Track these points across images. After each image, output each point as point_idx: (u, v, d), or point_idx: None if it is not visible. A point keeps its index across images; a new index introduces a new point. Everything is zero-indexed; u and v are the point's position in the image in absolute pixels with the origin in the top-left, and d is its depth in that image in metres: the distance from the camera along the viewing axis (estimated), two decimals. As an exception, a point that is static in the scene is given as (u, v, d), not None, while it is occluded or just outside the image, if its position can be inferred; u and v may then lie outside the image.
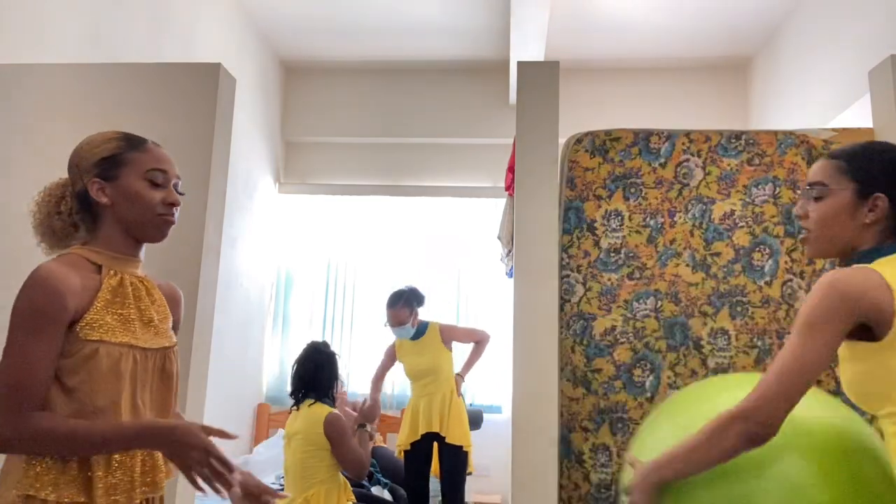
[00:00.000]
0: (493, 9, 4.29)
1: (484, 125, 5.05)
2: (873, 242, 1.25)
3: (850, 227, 1.27)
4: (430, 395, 3.62)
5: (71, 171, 1.38)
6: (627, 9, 4.21)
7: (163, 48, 3.51)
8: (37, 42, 2.66)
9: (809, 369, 1.14)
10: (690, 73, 4.86)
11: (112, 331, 1.24)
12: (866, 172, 1.27)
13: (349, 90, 5.19)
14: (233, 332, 4.37)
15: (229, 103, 2.38)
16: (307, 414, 2.64)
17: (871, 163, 1.28)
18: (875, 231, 1.26)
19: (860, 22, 3.30)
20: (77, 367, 1.21)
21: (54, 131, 2.34)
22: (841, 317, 1.14)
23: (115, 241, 1.34)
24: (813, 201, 1.31)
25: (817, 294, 1.16)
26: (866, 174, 1.27)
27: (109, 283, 1.29)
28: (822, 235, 1.30)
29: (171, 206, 1.35)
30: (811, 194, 1.32)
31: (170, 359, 1.36)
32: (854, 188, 1.27)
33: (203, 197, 2.22)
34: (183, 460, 1.20)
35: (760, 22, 4.29)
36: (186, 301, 2.18)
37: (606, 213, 2.29)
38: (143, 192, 1.33)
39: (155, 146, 1.39)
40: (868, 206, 1.25)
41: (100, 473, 1.20)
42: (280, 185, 5.21)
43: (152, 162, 1.35)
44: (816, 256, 1.35)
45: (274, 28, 4.68)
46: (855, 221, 1.26)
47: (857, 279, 1.15)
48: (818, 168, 1.33)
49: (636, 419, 2.14)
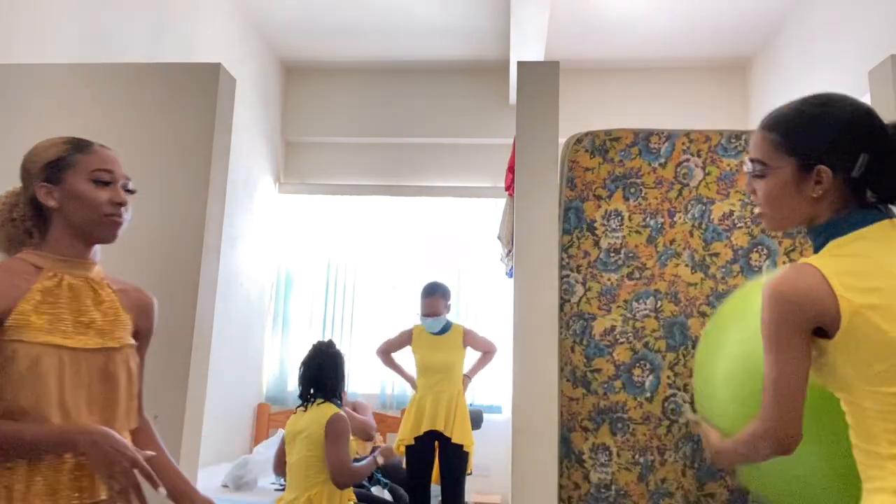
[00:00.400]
0: (493, 9, 4.29)
1: (484, 125, 5.05)
2: (829, 213, 1.18)
3: (800, 202, 1.20)
4: (437, 393, 3.64)
5: (22, 177, 1.40)
6: (627, 9, 4.21)
7: (163, 48, 3.51)
8: (37, 42, 2.66)
9: (795, 380, 1.12)
10: (690, 73, 4.86)
11: (34, 331, 1.25)
12: (804, 145, 1.19)
13: (349, 90, 5.19)
14: (233, 332, 4.37)
15: (229, 103, 2.39)
16: (314, 413, 2.64)
17: (808, 133, 1.19)
18: (828, 202, 1.18)
19: (860, 22, 3.30)
20: (1, 367, 1.22)
21: (54, 131, 2.34)
22: (797, 324, 1.11)
23: (63, 243, 1.35)
24: (756, 179, 1.25)
25: (766, 308, 1.14)
26: (805, 146, 1.19)
27: (43, 285, 1.30)
28: (774, 213, 1.24)
29: (118, 205, 1.36)
30: (752, 172, 1.25)
31: (114, 360, 1.34)
32: (794, 163, 1.19)
33: (203, 197, 2.23)
34: (106, 467, 1.19)
35: (760, 22, 4.29)
36: (186, 301, 2.19)
37: (606, 213, 2.29)
38: (89, 193, 1.34)
39: (101, 148, 1.41)
40: (812, 179, 1.17)
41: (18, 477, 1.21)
42: (280, 185, 5.21)
43: (97, 163, 1.37)
44: (776, 230, 1.30)
45: (274, 28, 4.68)
46: (803, 196, 1.19)
47: (799, 286, 1.10)
48: (755, 143, 1.26)
49: (636, 419, 2.14)
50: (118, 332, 1.38)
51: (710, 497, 2.08)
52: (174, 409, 2.11)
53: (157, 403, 2.13)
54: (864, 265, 1.11)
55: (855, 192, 1.18)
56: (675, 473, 2.10)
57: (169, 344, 2.16)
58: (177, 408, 2.11)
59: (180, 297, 2.18)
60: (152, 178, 2.28)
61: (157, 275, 2.21)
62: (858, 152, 1.15)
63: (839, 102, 1.20)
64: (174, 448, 2.08)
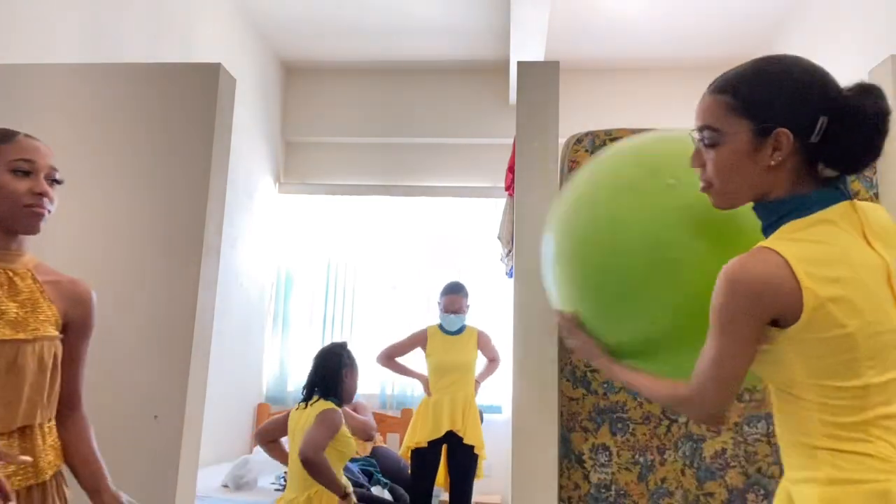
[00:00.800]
0: (493, 9, 4.29)
1: (484, 125, 5.05)
2: (786, 187, 1.07)
3: (754, 173, 1.07)
4: (453, 394, 3.63)
5: None
6: (627, 9, 4.20)
7: (163, 48, 3.51)
8: (37, 42, 2.66)
9: (736, 366, 1.06)
10: (690, 73, 4.86)
11: None
12: (761, 105, 1.06)
13: (349, 90, 5.19)
14: (233, 332, 4.37)
15: (229, 103, 2.38)
16: (312, 409, 2.65)
17: (766, 92, 1.07)
18: (785, 171, 1.07)
19: (860, 22, 3.30)
20: None
21: (54, 131, 2.34)
22: (753, 315, 1.02)
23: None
24: (706, 149, 1.12)
25: (722, 294, 1.04)
26: (761, 107, 1.06)
27: None
28: (724, 188, 1.11)
29: (38, 196, 1.36)
30: (703, 141, 1.12)
31: (24, 352, 1.33)
32: (750, 127, 1.06)
33: (203, 197, 2.23)
34: None
35: (760, 22, 4.29)
36: (186, 301, 2.19)
37: (606, 213, 2.28)
38: (8, 184, 1.34)
39: (26, 138, 1.40)
40: (770, 144, 1.05)
41: None
42: (280, 185, 5.21)
43: (18, 153, 1.36)
44: (724, 208, 1.16)
45: (274, 28, 4.68)
46: (758, 166, 1.07)
47: (761, 276, 1.00)
48: (704, 108, 1.13)
49: (636, 419, 2.14)
50: (34, 323, 1.36)
51: (709, 497, 2.08)
52: (174, 409, 2.11)
53: (157, 403, 2.13)
54: (829, 253, 1.02)
55: (809, 163, 1.07)
56: (674, 473, 2.10)
57: (169, 344, 2.16)
58: (177, 408, 2.11)
59: (180, 297, 2.18)
60: (152, 178, 2.28)
61: (157, 275, 2.21)
62: (817, 115, 1.04)
63: (794, 62, 1.10)
64: (174, 448, 2.08)
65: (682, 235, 1.25)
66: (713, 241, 1.23)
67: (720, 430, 1.14)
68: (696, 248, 1.24)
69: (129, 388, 2.14)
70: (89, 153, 2.32)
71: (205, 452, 2.86)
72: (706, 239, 1.24)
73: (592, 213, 1.39)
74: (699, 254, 1.23)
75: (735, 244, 1.15)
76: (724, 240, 1.22)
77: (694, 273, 1.21)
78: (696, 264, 1.22)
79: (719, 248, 1.20)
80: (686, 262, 1.24)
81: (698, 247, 1.24)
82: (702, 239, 1.24)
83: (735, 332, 1.04)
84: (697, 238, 1.24)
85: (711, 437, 2.09)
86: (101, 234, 2.27)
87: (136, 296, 2.21)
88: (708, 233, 1.24)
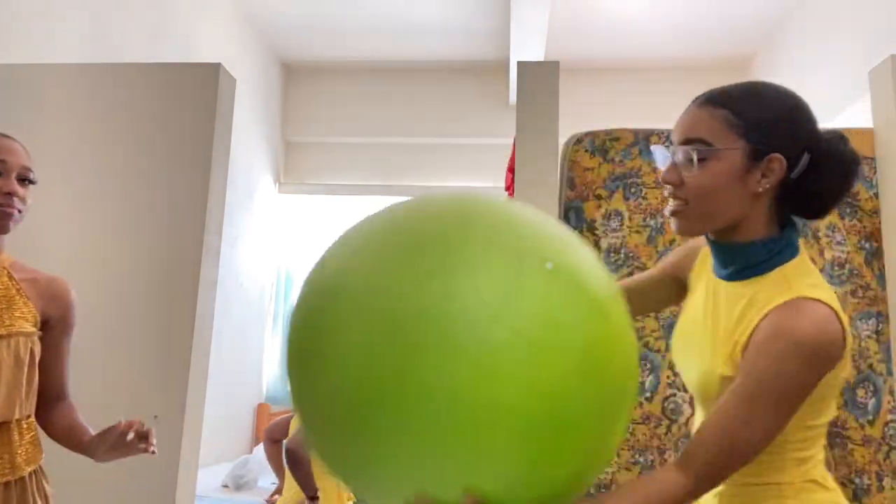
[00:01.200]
0: (493, 9, 4.29)
1: (484, 125, 5.05)
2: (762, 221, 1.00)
3: (738, 197, 0.98)
4: None
5: None
6: (627, 9, 4.20)
7: (163, 48, 3.51)
8: (37, 42, 2.66)
9: (762, 446, 0.92)
10: (690, 73, 4.86)
11: None
12: (759, 127, 0.97)
13: (349, 90, 5.19)
14: (233, 332, 4.37)
15: (229, 103, 2.38)
16: None
17: (764, 114, 0.98)
18: (763, 204, 0.99)
19: (860, 22, 3.30)
20: None
21: (54, 131, 2.34)
22: (814, 384, 0.91)
23: None
24: (689, 164, 0.99)
25: (790, 361, 0.89)
26: (759, 129, 0.97)
27: None
28: (703, 210, 1.00)
29: (7, 195, 1.35)
30: (690, 155, 0.99)
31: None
32: (746, 148, 0.97)
33: (203, 197, 2.23)
34: None
35: (761, 22, 4.29)
36: (186, 301, 2.19)
37: (606, 213, 2.29)
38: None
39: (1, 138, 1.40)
40: (761, 170, 0.97)
41: None
42: (280, 185, 5.21)
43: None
44: (689, 235, 1.06)
45: (274, 28, 4.68)
46: (745, 190, 0.98)
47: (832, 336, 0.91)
48: (696, 120, 1.01)
49: (636, 419, 2.14)
50: (8, 320, 1.36)
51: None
52: (174, 409, 2.11)
53: (157, 403, 2.13)
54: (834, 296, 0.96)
55: (780, 202, 1.01)
56: None
57: (169, 344, 2.16)
58: (177, 408, 2.11)
59: (180, 297, 2.18)
60: (152, 178, 2.28)
61: (158, 275, 2.21)
62: (802, 150, 0.97)
63: (788, 92, 1.02)
64: (174, 448, 2.08)
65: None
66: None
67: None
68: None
69: (129, 388, 2.14)
70: (89, 153, 2.32)
71: (205, 452, 2.86)
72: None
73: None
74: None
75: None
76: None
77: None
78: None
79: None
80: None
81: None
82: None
83: (793, 407, 0.91)
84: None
85: None
86: (100, 234, 2.27)
87: (136, 295, 2.21)
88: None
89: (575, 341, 0.76)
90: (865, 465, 2.07)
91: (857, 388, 2.10)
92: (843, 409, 2.11)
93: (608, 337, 0.80)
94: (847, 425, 2.10)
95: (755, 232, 1.00)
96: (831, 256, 2.20)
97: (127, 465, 1.76)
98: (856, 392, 2.10)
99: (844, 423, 2.10)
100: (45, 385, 1.45)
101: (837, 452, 2.10)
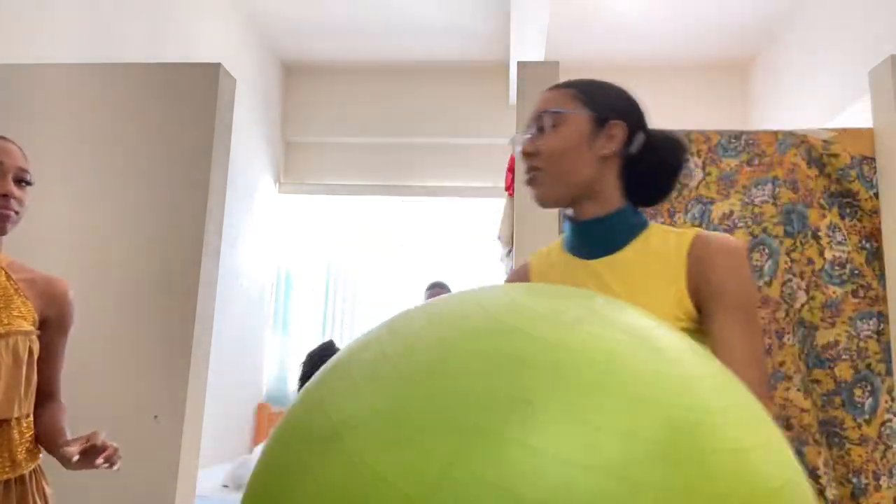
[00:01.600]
0: (493, 9, 4.29)
1: (484, 125, 5.05)
2: (612, 187, 1.11)
3: (587, 159, 1.09)
4: None
5: None
6: (627, 9, 4.20)
7: (163, 48, 3.51)
8: (37, 42, 2.66)
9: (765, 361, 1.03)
10: (690, 73, 4.86)
11: None
12: (602, 100, 1.12)
13: (349, 90, 5.19)
14: (233, 332, 4.37)
15: (229, 103, 2.38)
16: None
17: (606, 94, 1.14)
18: (612, 173, 1.11)
19: (860, 22, 3.30)
20: None
21: (54, 131, 2.34)
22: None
23: None
24: (541, 134, 1.12)
25: (745, 271, 1.02)
26: (602, 103, 1.12)
27: None
28: (555, 171, 1.10)
29: (3, 197, 1.35)
30: (544, 123, 1.12)
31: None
32: (590, 116, 1.10)
33: (203, 197, 2.22)
34: None
35: (760, 22, 4.29)
36: (186, 301, 2.19)
37: (606, 213, 2.29)
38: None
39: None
40: (605, 135, 1.10)
41: None
42: (280, 185, 5.21)
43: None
44: (548, 200, 1.13)
45: (274, 28, 4.68)
46: (592, 153, 1.09)
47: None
48: (546, 98, 1.16)
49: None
50: (7, 318, 1.37)
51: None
52: (174, 409, 2.11)
53: (157, 403, 2.13)
54: None
55: (623, 179, 1.13)
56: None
57: (169, 344, 2.16)
58: (177, 408, 2.11)
59: (180, 297, 2.18)
60: (152, 178, 2.28)
61: (158, 275, 2.21)
62: (638, 131, 1.12)
63: (628, 89, 1.18)
64: (174, 448, 2.08)
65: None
66: None
67: None
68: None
69: (129, 388, 2.14)
70: (89, 153, 2.32)
71: (205, 452, 2.86)
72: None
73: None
74: None
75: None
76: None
77: None
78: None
79: None
80: None
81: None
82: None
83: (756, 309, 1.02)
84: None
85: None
86: (100, 234, 2.27)
87: (136, 295, 2.21)
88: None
89: None
90: (862, 465, 2.07)
91: (854, 387, 2.10)
92: (841, 408, 2.11)
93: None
94: (844, 425, 2.10)
95: (611, 204, 1.11)
96: (832, 256, 2.19)
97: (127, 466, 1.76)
98: (853, 391, 2.10)
99: (842, 423, 2.10)
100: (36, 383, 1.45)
101: (835, 452, 2.10)
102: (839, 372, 2.11)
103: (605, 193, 1.11)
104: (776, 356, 2.15)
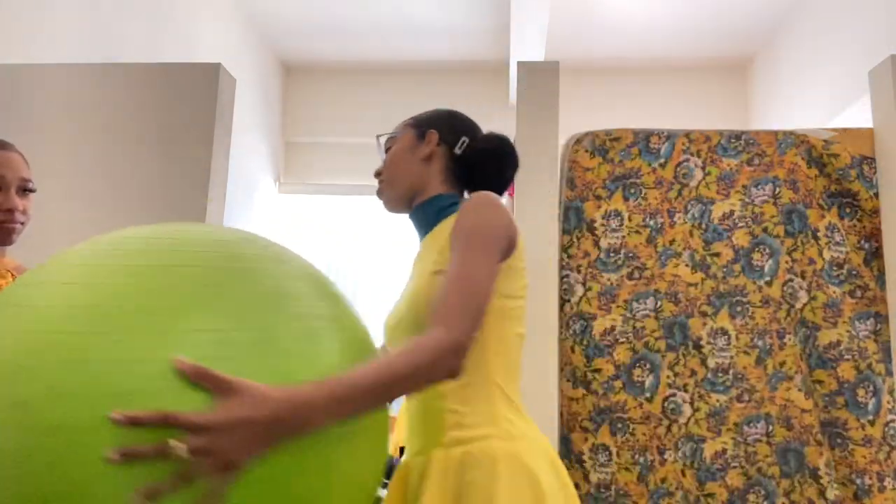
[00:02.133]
0: (492, 9, 4.29)
1: (484, 125, 5.00)
2: (437, 183, 1.36)
3: (413, 164, 1.36)
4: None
5: None
6: (627, 9, 4.21)
7: (163, 48, 3.51)
8: (37, 42, 2.66)
9: (487, 288, 1.07)
10: (690, 73, 4.86)
11: None
12: (424, 119, 1.42)
13: (349, 90, 5.19)
14: (233, 332, 4.36)
15: (229, 103, 2.39)
16: None
17: (429, 114, 1.44)
18: (435, 170, 1.37)
19: (860, 22, 3.30)
20: None
21: (54, 131, 2.35)
22: (502, 237, 1.16)
23: None
24: (385, 152, 1.43)
25: (481, 211, 1.16)
26: (423, 119, 1.42)
27: None
28: (391, 176, 1.38)
29: (8, 212, 1.34)
30: (386, 148, 1.44)
31: None
32: (413, 132, 1.40)
33: (203, 197, 2.23)
34: None
35: (760, 22, 4.29)
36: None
37: (606, 213, 2.29)
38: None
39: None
40: (424, 143, 1.38)
41: None
42: (280, 185, 5.21)
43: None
44: (390, 202, 1.40)
45: (274, 28, 4.68)
46: (415, 157, 1.37)
47: (505, 208, 1.21)
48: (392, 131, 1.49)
49: (636, 419, 2.14)
50: None
51: (710, 497, 2.08)
52: (174, 409, 2.10)
53: (157, 403, 2.13)
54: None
55: (455, 175, 1.38)
56: (674, 473, 2.10)
57: (169, 344, 2.16)
58: (177, 408, 2.10)
59: (180, 297, 2.17)
60: (152, 178, 2.28)
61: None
62: (460, 136, 1.38)
63: (459, 112, 1.47)
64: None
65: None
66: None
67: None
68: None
69: (129, 388, 2.14)
70: (89, 153, 2.32)
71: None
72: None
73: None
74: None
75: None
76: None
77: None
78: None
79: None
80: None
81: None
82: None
83: (490, 250, 1.13)
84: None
85: (712, 439, 2.09)
86: (100, 234, 2.26)
87: (136, 296, 2.20)
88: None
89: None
90: (866, 466, 2.07)
91: (857, 388, 2.10)
92: (844, 408, 2.11)
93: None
94: (848, 425, 2.10)
95: (431, 194, 1.36)
96: (830, 256, 2.20)
97: (127, 465, 1.76)
98: (856, 392, 2.10)
99: (845, 424, 2.10)
100: None
101: (837, 452, 2.10)
102: (842, 372, 2.11)
103: (431, 186, 1.36)
104: (777, 356, 2.15)
